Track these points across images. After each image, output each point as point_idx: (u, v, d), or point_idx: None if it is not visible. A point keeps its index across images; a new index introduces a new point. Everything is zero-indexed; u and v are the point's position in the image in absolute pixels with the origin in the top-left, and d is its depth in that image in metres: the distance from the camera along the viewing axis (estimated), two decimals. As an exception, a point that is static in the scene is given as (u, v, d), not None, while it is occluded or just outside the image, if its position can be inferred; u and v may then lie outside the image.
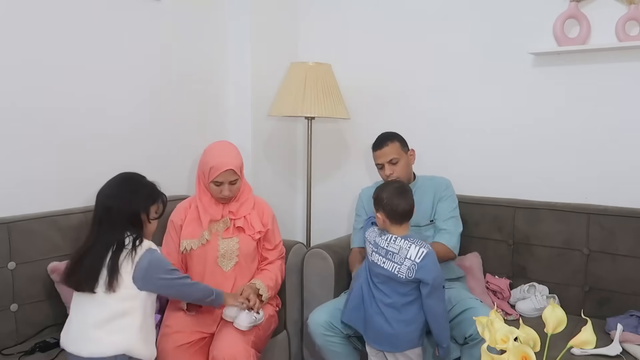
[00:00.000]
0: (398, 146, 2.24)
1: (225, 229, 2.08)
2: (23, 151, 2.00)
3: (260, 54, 2.81)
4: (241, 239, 2.08)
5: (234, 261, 2.06)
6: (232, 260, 2.06)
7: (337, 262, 2.28)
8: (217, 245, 2.05)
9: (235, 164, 2.02)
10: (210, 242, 2.05)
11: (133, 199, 1.67)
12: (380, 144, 2.25)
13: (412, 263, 1.76)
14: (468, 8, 2.60)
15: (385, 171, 2.23)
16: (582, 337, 1.07)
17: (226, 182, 2.02)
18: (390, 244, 1.83)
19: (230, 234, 2.08)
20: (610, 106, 2.33)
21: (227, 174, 2.01)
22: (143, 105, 2.42)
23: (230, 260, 2.05)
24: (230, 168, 2.00)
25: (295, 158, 3.18)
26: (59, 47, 2.07)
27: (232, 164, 2.01)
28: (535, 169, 2.51)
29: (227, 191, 2.03)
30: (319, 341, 2.02)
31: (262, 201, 2.22)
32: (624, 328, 1.92)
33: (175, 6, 2.52)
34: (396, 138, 2.26)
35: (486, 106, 2.60)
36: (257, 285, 2.01)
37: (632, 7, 2.21)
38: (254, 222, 2.10)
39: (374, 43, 2.87)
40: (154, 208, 1.72)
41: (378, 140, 2.28)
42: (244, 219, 2.10)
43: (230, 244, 2.06)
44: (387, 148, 2.22)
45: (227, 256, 2.06)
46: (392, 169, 2.21)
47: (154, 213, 1.73)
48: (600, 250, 2.23)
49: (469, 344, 1.89)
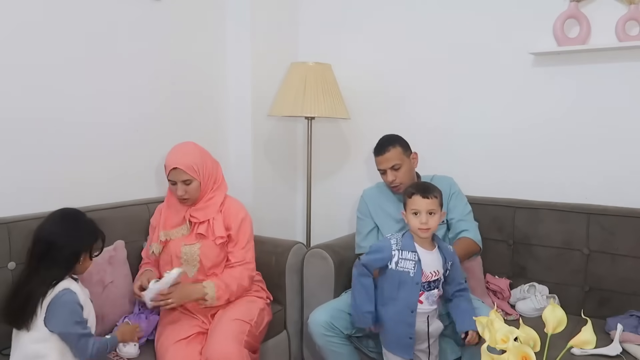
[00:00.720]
0: (400, 151, 2.20)
1: (188, 234, 2.06)
2: (23, 151, 2.00)
3: (260, 54, 2.80)
4: (203, 244, 2.04)
5: (197, 267, 2.04)
6: (195, 267, 2.04)
7: (337, 262, 2.28)
8: (180, 251, 2.04)
9: (183, 163, 1.98)
10: (173, 249, 2.05)
11: (76, 236, 1.66)
12: (382, 149, 2.21)
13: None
14: (468, 8, 2.60)
15: (387, 177, 2.20)
16: (582, 337, 1.08)
17: (178, 181, 2.00)
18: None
19: (192, 240, 2.05)
20: (610, 106, 2.33)
21: (176, 173, 1.99)
22: (142, 106, 2.42)
23: (193, 267, 2.04)
24: (176, 167, 1.98)
25: (295, 158, 3.18)
26: (59, 48, 2.07)
27: (180, 162, 1.98)
28: (535, 169, 2.51)
29: (180, 191, 2.00)
30: (320, 341, 2.02)
31: (234, 203, 2.14)
32: (624, 328, 1.92)
33: (175, 6, 2.52)
34: (398, 142, 2.22)
35: (486, 106, 2.60)
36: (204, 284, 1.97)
37: (632, 7, 2.21)
38: (217, 227, 2.04)
39: (374, 43, 2.87)
40: (95, 246, 1.72)
41: (379, 144, 2.24)
42: (207, 224, 2.05)
43: (191, 250, 2.04)
44: (388, 154, 2.19)
45: (190, 262, 2.04)
46: (394, 175, 2.19)
47: (95, 251, 1.73)
48: (600, 250, 2.23)
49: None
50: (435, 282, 1.83)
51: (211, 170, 2.09)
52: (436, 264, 1.84)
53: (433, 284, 1.83)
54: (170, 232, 2.06)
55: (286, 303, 2.34)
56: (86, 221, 1.73)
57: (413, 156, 2.28)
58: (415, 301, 1.80)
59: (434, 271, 1.82)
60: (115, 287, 2.01)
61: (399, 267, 1.82)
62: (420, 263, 1.80)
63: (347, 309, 2.03)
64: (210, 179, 2.08)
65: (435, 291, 1.84)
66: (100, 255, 2.00)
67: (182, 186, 2.00)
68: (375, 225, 2.32)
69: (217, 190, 2.11)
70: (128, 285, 2.07)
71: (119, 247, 2.10)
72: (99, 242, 1.74)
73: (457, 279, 1.88)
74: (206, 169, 2.06)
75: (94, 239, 1.72)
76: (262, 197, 2.91)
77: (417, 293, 1.80)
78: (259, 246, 2.25)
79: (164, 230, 2.06)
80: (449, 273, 1.86)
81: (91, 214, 2.05)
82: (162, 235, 2.05)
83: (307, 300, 2.35)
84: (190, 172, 1.99)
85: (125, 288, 2.05)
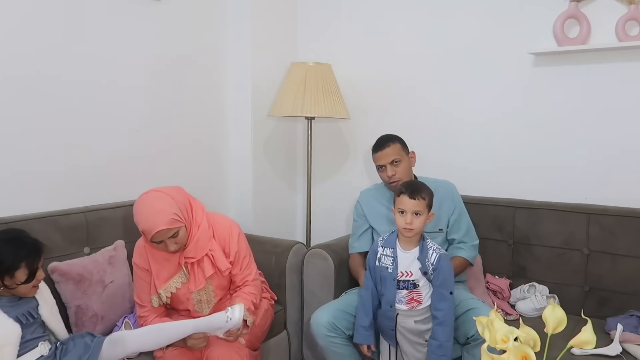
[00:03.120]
0: (399, 147, 2.24)
1: (187, 281, 1.90)
2: (23, 151, 2.00)
3: (260, 54, 2.81)
4: (213, 283, 1.93)
5: (213, 303, 1.96)
6: (211, 303, 1.96)
7: (337, 262, 2.28)
8: (191, 299, 1.92)
9: (164, 222, 1.75)
10: (181, 299, 1.91)
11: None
12: (382, 145, 2.24)
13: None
14: (468, 8, 2.59)
15: (387, 172, 2.22)
16: (582, 337, 1.07)
17: (165, 238, 1.78)
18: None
19: (201, 284, 1.90)
20: (610, 106, 2.33)
21: (160, 234, 1.77)
22: (142, 106, 2.41)
23: (209, 304, 1.96)
24: (161, 229, 1.75)
25: (295, 158, 3.18)
26: (58, 48, 2.07)
27: (162, 223, 1.75)
28: (535, 169, 2.50)
29: (172, 246, 1.81)
30: (322, 342, 2.02)
31: (220, 224, 1.97)
32: (624, 328, 1.92)
33: (175, 6, 2.52)
34: (397, 140, 2.26)
35: (486, 106, 2.60)
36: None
37: (632, 7, 2.21)
38: (220, 261, 1.90)
39: (374, 43, 2.87)
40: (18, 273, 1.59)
41: (378, 142, 2.27)
42: (209, 262, 1.90)
43: (205, 292, 1.93)
44: (388, 149, 2.22)
45: (206, 303, 1.95)
46: (394, 170, 2.21)
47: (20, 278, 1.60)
48: (600, 250, 2.23)
49: (470, 344, 1.90)
50: (406, 282, 1.84)
51: (186, 205, 1.88)
52: (409, 264, 1.85)
53: (403, 283, 1.85)
54: (168, 285, 1.89)
55: (286, 303, 2.34)
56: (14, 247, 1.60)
57: (411, 155, 2.30)
58: (393, 297, 1.86)
59: (407, 271, 1.85)
60: (115, 287, 2.01)
61: (381, 263, 1.90)
62: (397, 260, 1.86)
63: (349, 310, 2.05)
64: (189, 213, 1.89)
65: (404, 291, 1.85)
66: (101, 255, 2.02)
67: (171, 241, 1.80)
68: (369, 226, 2.34)
69: (199, 218, 1.92)
70: (128, 285, 2.07)
71: (119, 247, 2.10)
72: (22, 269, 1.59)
73: (438, 289, 1.83)
74: (183, 208, 1.85)
75: (14, 267, 1.58)
76: (262, 197, 2.91)
77: (394, 289, 1.86)
78: (259, 246, 2.25)
79: (162, 288, 1.88)
80: (433, 279, 1.84)
81: (91, 214, 2.08)
82: (162, 292, 1.88)
83: (307, 300, 2.36)
84: (175, 225, 1.78)
85: (125, 288, 2.05)
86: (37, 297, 1.68)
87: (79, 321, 1.88)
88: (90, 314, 1.90)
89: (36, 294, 1.68)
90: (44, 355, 1.63)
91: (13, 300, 1.63)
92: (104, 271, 1.98)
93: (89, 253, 2.04)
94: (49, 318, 1.70)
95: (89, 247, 2.05)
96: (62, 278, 1.88)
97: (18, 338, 1.58)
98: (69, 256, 1.96)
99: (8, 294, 1.62)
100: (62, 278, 1.88)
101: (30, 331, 1.62)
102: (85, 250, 2.04)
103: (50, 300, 1.75)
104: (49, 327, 1.71)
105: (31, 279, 1.61)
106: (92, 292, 1.93)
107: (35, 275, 1.62)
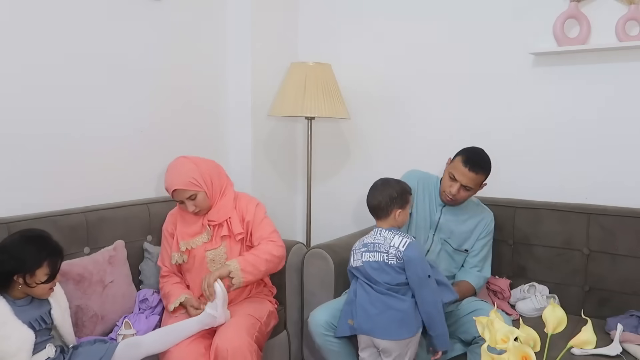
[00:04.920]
0: (482, 180, 2.13)
1: (208, 240, 2.08)
2: (23, 151, 2.00)
3: (260, 54, 2.81)
4: (227, 245, 2.09)
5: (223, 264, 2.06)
6: (222, 264, 2.05)
7: (337, 262, 2.27)
8: (205, 257, 2.07)
9: (181, 182, 1.99)
10: (196, 256, 2.07)
11: (12, 258, 1.58)
12: (475, 166, 2.07)
13: (396, 250, 1.84)
14: (468, 9, 2.60)
15: (452, 188, 2.10)
16: (582, 337, 1.07)
17: (184, 199, 2.02)
18: (376, 237, 1.91)
19: (216, 244, 2.08)
20: (610, 106, 2.33)
21: (178, 193, 2.01)
22: (142, 105, 2.41)
23: (219, 265, 2.05)
24: (176, 188, 2.00)
25: (295, 158, 3.18)
26: (58, 48, 2.07)
27: (178, 182, 1.99)
28: (535, 169, 2.51)
29: (190, 207, 2.02)
30: (319, 341, 2.02)
31: (244, 197, 2.19)
32: (624, 328, 1.93)
33: (175, 6, 2.52)
34: (487, 171, 2.13)
35: (486, 106, 2.60)
36: (230, 267, 1.96)
37: (632, 7, 2.21)
38: (234, 225, 2.08)
39: (374, 43, 2.87)
40: (39, 272, 1.61)
41: (475, 160, 2.10)
42: (226, 225, 2.09)
43: (217, 253, 2.08)
44: (474, 175, 2.07)
45: (217, 261, 2.07)
46: (460, 192, 2.11)
47: (42, 277, 1.62)
48: (600, 250, 2.23)
49: (477, 344, 1.90)
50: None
51: (212, 175, 2.09)
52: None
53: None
54: (190, 241, 2.07)
55: (286, 303, 2.34)
56: (38, 246, 1.62)
57: (482, 186, 2.18)
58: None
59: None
60: (115, 287, 2.01)
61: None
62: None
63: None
64: (215, 183, 2.09)
65: None
66: (101, 255, 2.02)
67: (190, 202, 2.02)
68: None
69: (225, 190, 2.13)
70: (128, 285, 2.07)
71: (119, 247, 2.10)
72: (43, 268, 1.61)
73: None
74: (206, 176, 2.06)
75: (36, 265, 1.59)
76: (262, 197, 2.87)
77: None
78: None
79: (183, 241, 2.07)
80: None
81: (91, 214, 2.08)
82: (182, 245, 2.06)
83: (307, 300, 2.35)
84: (191, 187, 2.00)
85: (125, 287, 2.06)
86: (51, 299, 1.69)
87: (79, 321, 1.88)
88: (90, 314, 1.90)
89: (50, 297, 1.68)
90: (51, 357, 1.63)
91: (26, 302, 1.64)
92: (104, 271, 1.98)
93: (89, 253, 2.03)
94: (60, 322, 1.71)
95: (89, 247, 2.05)
96: (62, 278, 1.86)
97: (32, 344, 1.60)
98: (69, 256, 1.95)
99: (23, 295, 1.63)
100: (62, 278, 1.86)
101: (41, 334, 1.64)
102: (85, 250, 2.04)
103: (64, 303, 1.76)
104: (59, 331, 1.72)
105: (51, 279, 1.63)
106: (92, 292, 1.93)
107: (55, 276, 1.65)
